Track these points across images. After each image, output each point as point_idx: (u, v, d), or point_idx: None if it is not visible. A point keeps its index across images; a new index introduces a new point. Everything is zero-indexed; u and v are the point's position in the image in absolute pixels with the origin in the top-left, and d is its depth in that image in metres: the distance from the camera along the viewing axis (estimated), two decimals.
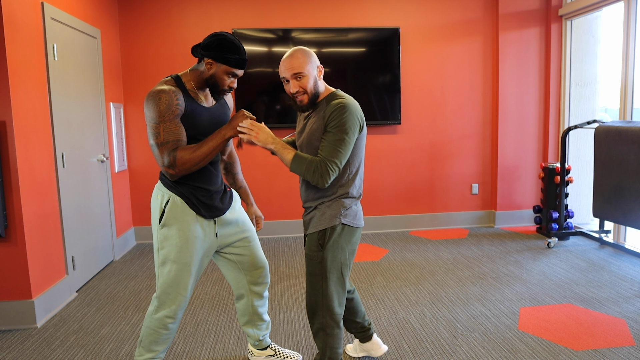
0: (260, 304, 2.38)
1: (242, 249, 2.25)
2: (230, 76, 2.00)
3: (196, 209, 2.05)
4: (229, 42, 1.94)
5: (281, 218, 5.05)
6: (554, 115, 5.09)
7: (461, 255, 4.26)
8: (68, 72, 3.56)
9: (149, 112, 1.91)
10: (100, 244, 4.06)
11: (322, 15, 4.88)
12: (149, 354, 2.16)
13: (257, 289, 2.34)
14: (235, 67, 1.97)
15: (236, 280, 2.32)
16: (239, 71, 2.00)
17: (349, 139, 1.90)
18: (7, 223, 2.89)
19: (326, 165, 1.88)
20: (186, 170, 1.94)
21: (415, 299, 3.28)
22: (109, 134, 4.37)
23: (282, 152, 1.96)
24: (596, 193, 4.03)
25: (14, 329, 2.96)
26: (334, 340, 2.06)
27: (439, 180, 5.20)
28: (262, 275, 2.33)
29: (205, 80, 2.01)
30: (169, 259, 2.05)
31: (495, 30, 5.05)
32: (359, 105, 1.99)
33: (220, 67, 1.96)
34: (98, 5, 4.20)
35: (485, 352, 2.54)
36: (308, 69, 1.95)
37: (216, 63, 1.96)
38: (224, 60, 1.94)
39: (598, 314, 2.97)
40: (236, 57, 1.95)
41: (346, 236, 2.02)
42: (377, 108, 4.91)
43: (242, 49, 1.98)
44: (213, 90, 2.04)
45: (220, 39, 1.94)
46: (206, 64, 1.97)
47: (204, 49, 1.96)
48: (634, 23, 4.08)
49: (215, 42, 1.94)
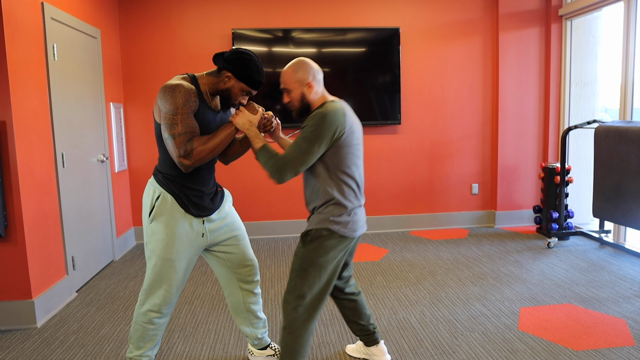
0: (253, 302, 2.39)
1: (231, 247, 2.28)
2: (244, 94, 2.08)
3: (185, 207, 2.09)
4: (252, 62, 2.02)
5: (281, 218, 5.05)
6: (554, 115, 5.09)
7: (461, 255, 4.26)
8: (68, 72, 3.56)
9: (166, 104, 1.95)
10: (100, 244, 4.06)
11: (322, 15, 4.88)
12: (137, 350, 2.20)
13: (247, 287, 2.36)
14: (251, 87, 2.06)
15: (225, 278, 2.35)
16: (254, 91, 2.09)
17: (312, 148, 1.93)
18: (7, 223, 2.89)
19: (285, 165, 1.94)
20: (200, 160, 1.99)
21: (415, 299, 3.28)
22: (109, 134, 4.37)
23: (253, 140, 2.05)
24: (596, 193, 4.03)
25: (14, 329, 2.95)
26: (295, 343, 2.03)
27: (439, 180, 5.20)
28: (251, 273, 2.35)
29: (220, 90, 2.09)
30: (155, 253, 2.10)
31: (495, 30, 5.05)
32: (344, 114, 1.99)
33: (238, 84, 2.05)
34: (98, 5, 4.20)
35: (485, 352, 2.54)
36: (294, 84, 2.05)
37: (235, 78, 2.04)
38: (243, 78, 2.03)
39: (598, 314, 2.97)
40: (255, 78, 2.04)
41: (332, 242, 2.02)
42: (377, 108, 4.91)
43: (263, 72, 2.07)
44: (223, 101, 2.12)
45: (244, 57, 2.02)
46: (225, 76, 2.04)
47: (227, 62, 2.03)
48: (634, 23, 4.08)
49: (239, 59, 2.02)
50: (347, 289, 2.32)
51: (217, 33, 4.78)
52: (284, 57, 4.73)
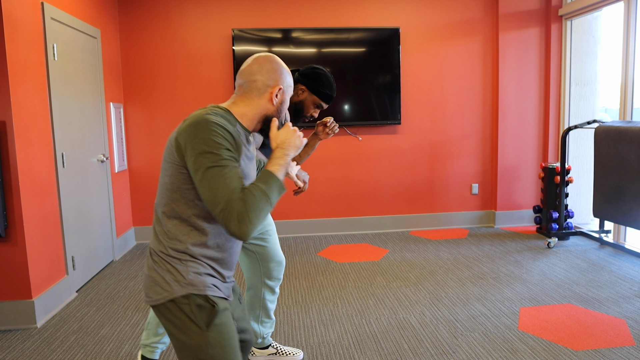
0: (271, 300, 2.43)
1: (263, 241, 2.34)
2: (316, 107, 2.18)
3: None
4: (326, 78, 2.16)
5: (281, 218, 5.05)
6: (554, 115, 5.09)
7: (461, 255, 4.26)
8: (68, 72, 3.56)
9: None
10: (100, 244, 4.06)
11: (322, 15, 4.88)
12: (155, 337, 2.27)
13: (271, 283, 2.40)
14: (324, 100, 2.17)
15: (251, 271, 2.39)
16: (325, 105, 2.19)
17: None
18: (7, 223, 2.89)
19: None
20: None
21: (415, 299, 3.28)
22: (109, 134, 4.37)
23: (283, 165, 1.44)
24: (596, 193, 4.03)
25: (14, 329, 2.95)
26: None
27: (439, 180, 5.20)
28: (278, 270, 2.40)
29: (293, 103, 2.18)
30: None
31: (495, 30, 5.05)
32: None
33: (311, 97, 2.16)
34: (98, 5, 4.20)
35: (485, 352, 2.54)
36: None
37: (308, 92, 2.15)
38: (317, 92, 2.14)
39: (598, 314, 2.97)
40: (327, 93, 2.14)
41: None
42: (377, 108, 4.91)
43: (334, 87, 2.18)
44: (296, 114, 2.21)
45: (319, 72, 2.15)
46: (299, 89, 2.16)
47: (302, 76, 2.14)
48: (634, 23, 4.08)
49: (313, 73, 2.14)
50: None
51: (217, 33, 4.78)
52: (284, 57, 4.73)
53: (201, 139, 1.30)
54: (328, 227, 5.12)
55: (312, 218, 5.09)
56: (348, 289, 3.51)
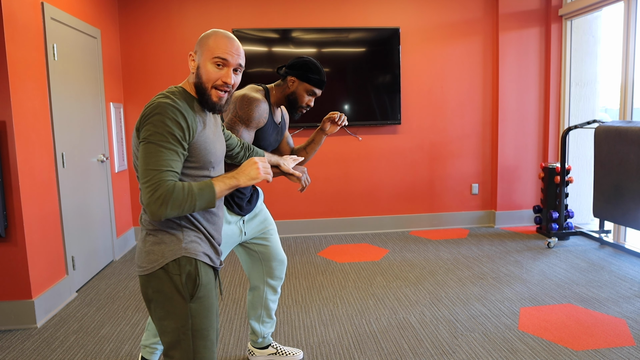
0: (273, 299, 2.45)
1: (265, 240, 2.36)
2: (309, 94, 2.19)
3: (230, 207, 2.17)
4: (312, 64, 2.16)
5: (281, 218, 5.05)
6: (554, 115, 5.09)
7: (461, 255, 4.26)
8: (68, 72, 3.56)
9: (240, 111, 2.05)
10: (100, 244, 4.06)
11: (322, 15, 4.88)
12: (154, 338, 2.29)
13: (273, 283, 2.42)
14: (315, 86, 2.17)
15: (254, 271, 2.40)
16: (318, 90, 2.19)
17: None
18: (7, 223, 2.88)
19: None
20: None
21: (415, 299, 3.28)
22: (109, 134, 4.37)
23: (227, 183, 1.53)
24: (596, 193, 4.03)
25: (14, 329, 2.95)
26: None
27: (439, 180, 5.20)
28: (280, 269, 2.42)
29: (287, 96, 2.20)
30: None
31: (495, 30, 5.05)
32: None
33: (302, 85, 2.16)
34: (98, 5, 4.20)
35: (485, 352, 2.54)
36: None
37: (299, 81, 2.16)
38: (306, 78, 2.15)
39: (598, 314, 2.97)
40: (317, 77, 2.16)
41: None
42: (377, 108, 4.91)
43: (323, 72, 2.19)
44: (291, 106, 2.22)
45: (305, 60, 2.17)
46: (289, 81, 2.17)
47: (289, 68, 2.17)
48: (634, 23, 4.08)
49: (300, 63, 2.16)
50: None
51: None
52: (284, 57, 4.73)
53: (151, 122, 1.41)
54: (328, 227, 5.12)
55: (312, 218, 5.09)
56: (348, 289, 3.51)
